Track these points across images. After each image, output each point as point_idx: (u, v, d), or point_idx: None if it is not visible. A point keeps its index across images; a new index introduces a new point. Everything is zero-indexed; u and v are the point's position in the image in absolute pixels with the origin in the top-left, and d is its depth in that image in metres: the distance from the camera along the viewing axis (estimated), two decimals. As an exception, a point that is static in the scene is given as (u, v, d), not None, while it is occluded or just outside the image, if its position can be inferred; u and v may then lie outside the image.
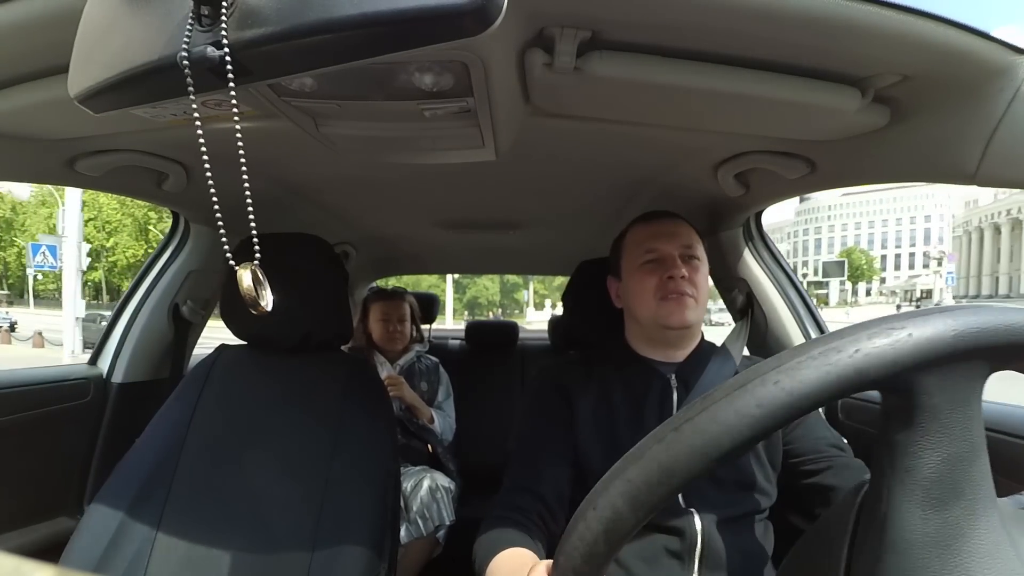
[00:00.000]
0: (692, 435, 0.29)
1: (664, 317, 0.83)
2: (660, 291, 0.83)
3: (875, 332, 0.28)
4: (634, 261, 0.87)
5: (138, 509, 0.80)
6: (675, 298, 0.82)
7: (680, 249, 0.85)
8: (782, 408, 0.27)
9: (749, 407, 0.28)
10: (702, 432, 0.28)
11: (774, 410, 0.27)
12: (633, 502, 0.30)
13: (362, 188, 1.17)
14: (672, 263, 0.83)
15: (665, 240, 0.85)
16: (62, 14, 0.49)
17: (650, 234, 0.87)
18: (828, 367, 0.27)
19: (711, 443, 0.28)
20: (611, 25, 0.52)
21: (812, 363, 0.28)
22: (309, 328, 0.93)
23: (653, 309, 0.83)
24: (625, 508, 0.30)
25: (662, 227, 0.88)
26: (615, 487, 0.30)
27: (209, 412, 0.89)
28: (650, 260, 0.85)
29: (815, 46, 0.52)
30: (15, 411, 1.03)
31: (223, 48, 0.33)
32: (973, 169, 0.57)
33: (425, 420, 1.67)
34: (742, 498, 0.78)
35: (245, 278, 0.40)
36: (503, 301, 41.13)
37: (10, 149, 0.77)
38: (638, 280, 0.85)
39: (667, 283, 0.82)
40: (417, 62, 0.55)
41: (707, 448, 0.28)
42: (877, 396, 0.31)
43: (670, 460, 0.29)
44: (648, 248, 0.85)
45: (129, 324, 1.26)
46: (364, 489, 0.84)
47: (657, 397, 0.83)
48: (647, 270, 0.85)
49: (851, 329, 0.29)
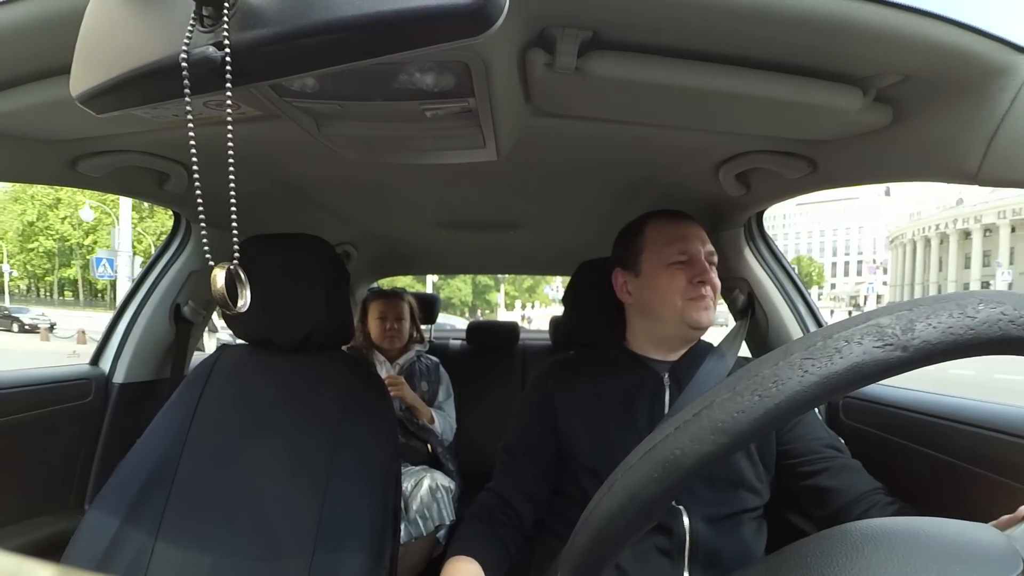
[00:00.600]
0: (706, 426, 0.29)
1: (693, 318, 0.84)
2: (689, 292, 0.84)
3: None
4: (661, 259, 0.87)
5: (139, 509, 0.80)
6: (703, 300, 0.84)
7: (706, 253, 0.87)
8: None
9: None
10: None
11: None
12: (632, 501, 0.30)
13: (363, 188, 1.17)
14: (702, 267, 0.85)
15: (697, 241, 0.87)
16: (64, 15, 0.49)
17: (679, 235, 0.87)
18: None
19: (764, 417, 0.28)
20: (612, 25, 0.52)
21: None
22: (310, 328, 0.93)
23: (679, 308, 0.84)
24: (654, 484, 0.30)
25: (688, 228, 0.88)
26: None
27: (210, 412, 0.90)
28: (681, 260, 0.86)
29: (816, 46, 0.52)
30: (16, 411, 1.03)
31: (224, 49, 0.33)
32: (975, 169, 0.57)
33: (425, 420, 1.67)
34: (732, 496, 0.78)
35: (219, 278, 0.39)
36: (475, 302, 41.86)
37: (12, 149, 0.77)
38: (667, 279, 0.85)
39: (697, 286, 0.84)
40: (418, 62, 0.55)
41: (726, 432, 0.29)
42: (877, 396, 0.31)
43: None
44: (680, 248, 0.86)
45: (130, 324, 1.26)
46: (365, 489, 0.84)
47: (649, 395, 0.84)
48: (677, 269, 0.85)
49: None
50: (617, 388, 0.86)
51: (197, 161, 0.36)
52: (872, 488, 0.76)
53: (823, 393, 0.27)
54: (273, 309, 0.91)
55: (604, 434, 0.82)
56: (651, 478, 0.30)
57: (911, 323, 0.27)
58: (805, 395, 0.27)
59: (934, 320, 0.27)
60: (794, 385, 0.27)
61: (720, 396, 0.29)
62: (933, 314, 0.27)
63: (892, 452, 0.90)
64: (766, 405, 0.28)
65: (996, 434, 0.72)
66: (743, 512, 0.78)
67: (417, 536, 1.40)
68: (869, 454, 0.85)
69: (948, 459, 0.79)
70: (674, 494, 0.30)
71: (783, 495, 0.85)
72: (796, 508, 0.98)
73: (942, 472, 0.79)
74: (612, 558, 0.32)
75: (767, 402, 0.28)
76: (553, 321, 2.38)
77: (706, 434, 0.28)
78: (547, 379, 0.93)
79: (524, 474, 0.87)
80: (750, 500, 0.79)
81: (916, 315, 0.27)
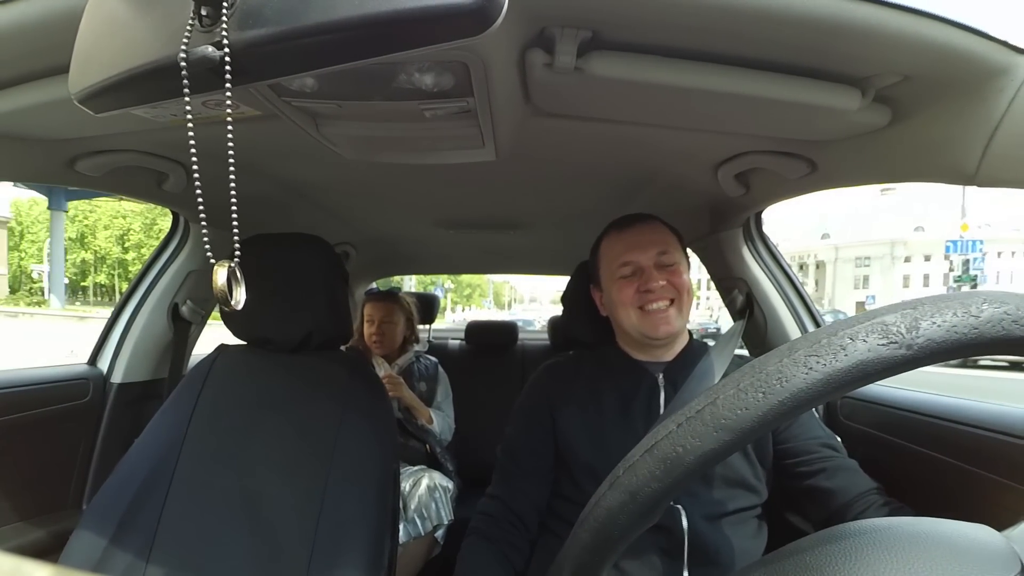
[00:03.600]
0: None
1: (649, 329, 0.84)
2: (638, 301, 0.84)
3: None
4: (611, 274, 0.88)
5: (137, 509, 0.80)
6: (656, 310, 0.83)
7: (655, 258, 0.85)
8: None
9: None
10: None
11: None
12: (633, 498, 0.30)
13: (362, 188, 1.17)
14: (649, 275, 0.84)
15: (639, 250, 0.86)
16: (63, 14, 0.49)
17: (624, 245, 0.87)
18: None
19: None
20: (612, 25, 0.52)
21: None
22: (310, 328, 0.93)
23: (635, 320, 0.85)
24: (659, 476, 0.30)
25: (635, 236, 0.88)
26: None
27: (208, 412, 0.89)
28: (626, 274, 0.86)
29: (816, 46, 0.52)
30: (15, 411, 1.03)
31: (223, 48, 0.33)
32: (973, 169, 0.57)
33: (424, 420, 1.67)
34: (731, 495, 0.78)
35: (220, 276, 0.40)
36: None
37: (11, 149, 0.77)
38: (616, 292, 0.86)
39: (645, 295, 0.83)
40: (417, 62, 0.55)
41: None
42: (875, 396, 0.31)
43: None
44: (623, 261, 0.86)
45: (129, 324, 1.25)
46: (364, 489, 0.84)
47: (645, 396, 0.84)
48: (624, 282, 0.85)
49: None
50: (613, 389, 0.86)
51: (197, 161, 0.36)
52: (868, 489, 0.76)
53: (828, 390, 0.27)
54: (272, 309, 0.91)
55: (601, 435, 0.82)
56: (653, 475, 0.29)
57: (916, 322, 0.27)
58: (810, 392, 0.27)
59: (938, 319, 0.27)
60: (799, 382, 0.27)
61: (724, 392, 0.29)
62: (938, 313, 0.27)
63: (891, 452, 0.90)
64: (770, 402, 0.27)
65: (995, 434, 0.72)
66: (742, 511, 0.78)
67: (415, 536, 1.40)
68: (867, 454, 0.85)
69: (947, 459, 0.79)
70: (676, 491, 0.30)
71: (781, 495, 0.85)
72: (795, 508, 0.98)
73: (941, 472, 0.79)
74: (612, 556, 0.32)
75: (771, 399, 0.27)
76: (552, 321, 2.38)
77: (709, 431, 0.28)
78: (543, 381, 0.93)
79: (525, 479, 0.87)
80: (748, 499, 0.79)
81: (921, 314, 0.27)
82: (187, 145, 0.36)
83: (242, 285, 0.42)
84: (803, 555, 0.32)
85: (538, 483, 0.87)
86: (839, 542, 0.32)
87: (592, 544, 0.32)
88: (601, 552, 0.32)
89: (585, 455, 0.82)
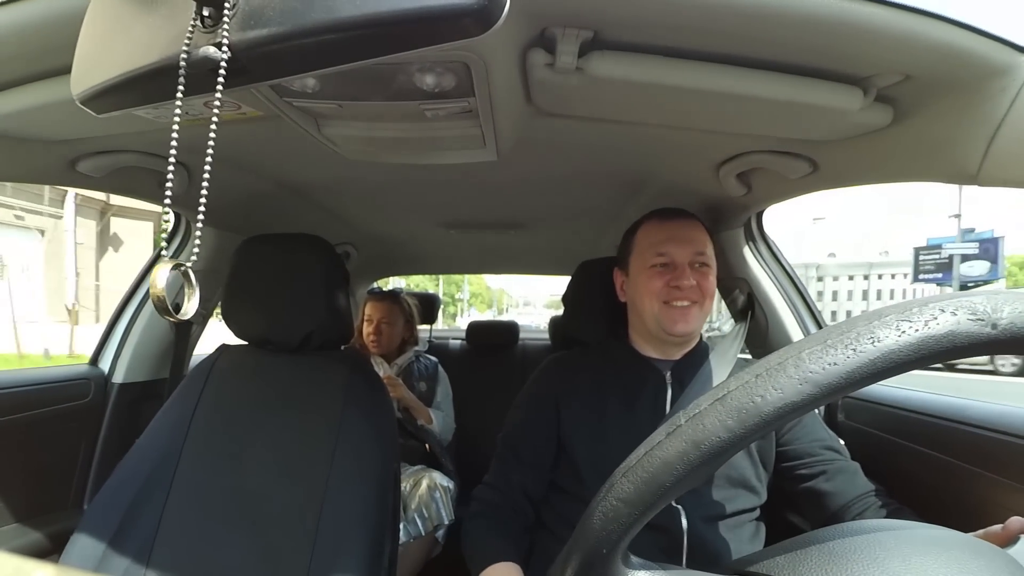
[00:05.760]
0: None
1: (668, 324, 0.83)
2: (665, 295, 0.83)
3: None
4: (644, 261, 0.86)
5: (138, 509, 0.80)
6: (680, 307, 0.82)
7: (692, 256, 0.84)
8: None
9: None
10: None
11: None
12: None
13: (363, 188, 1.17)
14: (682, 272, 0.83)
15: (678, 245, 0.85)
16: (65, 15, 0.49)
17: (664, 236, 0.86)
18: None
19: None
20: (613, 25, 0.52)
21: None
22: (311, 328, 0.93)
23: (657, 312, 0.84)
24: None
25: (677, 230, 0.87)
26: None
27: (209, 412, 0.89)
28: (660, 263, 0.85)
29: (817, 46, 0.52)
30: (16, 411, 1.03)
31: (225, 49, 0.33)
32: (975, 169, 0.57)
33: (423, 420, 1.67)
34: (731, 496, 0.78)
35: (160, 279, 0.32)
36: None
37: (12, 149, 0.77)
38: (645, 281, 0.85)
39: (673, 290, 0.82)
40: (419, 63, 0.55)
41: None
42: (877, 396, 0.31)
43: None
44: (660, 251, 0.85)
45: (130, 324, 1.25)
46: (364, 489, 0.84)
47: (651, 393, 0.84)
48: (656, 272, 0.84)
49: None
50: (619, 384, 0.85)
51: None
52: (866, 491, 0.76)
53: (917, 357, 0.27)
54: (273, 309, 0.91)
55: (605, 430, 0.82)
56: (724, 424, 0.28)
57: (1000, 305, 0.27)
58: (900, 355, 0.27)
59: (1019, 306, 0.27)
60: (891, 343, 0.27)
61: (810, 347, 0.28)
62: (1018, 300, 0.27)
63: (892, 452, 0.90)
64: (861, 360, 0.27)
65: (996, 434, 0.72)
66: (741, 513, 0.78)
67: (416, 536, 1.40)
68: (869, 454, 0.85)
69: (947, 459, 0.78)
70: (745, 444, 0.29)
71: (780, 497, 0.85)
72: (794, 510, 0.98)
73: (942, 472, 0.79)
74: (652, 511, 0.31)
75: (862, 357, 0.27)
76: (553, 321, 2.38)
77: (794, 383, 0.28)
78: (550, 373, 0.92)
79: (524, 469, 0.86)
80: (749, 500, 0.79)
81: (1003, 299, 0.28)
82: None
83: (196, 293, 0.35)
84: (801, 550, 0.32)
85: (537, 474, 0.86)
86: (839, 542, 0.32)
87: (633, 496, 0.30)
88: (642, 505, 0.30)
89: (587, 449, 0.82)
